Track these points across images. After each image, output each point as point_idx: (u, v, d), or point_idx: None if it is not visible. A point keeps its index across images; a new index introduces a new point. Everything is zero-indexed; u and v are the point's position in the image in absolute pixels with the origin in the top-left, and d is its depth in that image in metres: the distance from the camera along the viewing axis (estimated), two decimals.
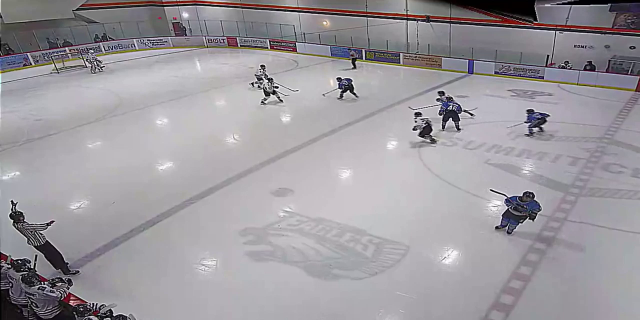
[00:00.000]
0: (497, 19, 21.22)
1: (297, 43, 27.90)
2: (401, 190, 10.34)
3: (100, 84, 21.86)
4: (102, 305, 5.70)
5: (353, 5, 25.99)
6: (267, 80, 17.54)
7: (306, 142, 13.28)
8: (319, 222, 9.02)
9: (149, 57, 28.17)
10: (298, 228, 8.88)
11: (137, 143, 14.06)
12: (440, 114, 13.93)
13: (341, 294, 7.18)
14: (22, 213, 7.46)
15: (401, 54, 23.44)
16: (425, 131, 12.97)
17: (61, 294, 6.10)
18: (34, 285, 6.06)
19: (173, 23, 33.43)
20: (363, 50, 24.68)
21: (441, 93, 15.10)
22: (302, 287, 7.38)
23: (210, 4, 33.58)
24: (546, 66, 19.67)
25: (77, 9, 29.94)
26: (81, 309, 5.55)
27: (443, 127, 13.98)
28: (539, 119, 13.16)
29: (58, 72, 24.73)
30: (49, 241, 7.60)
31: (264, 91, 17.37)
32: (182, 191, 10.55)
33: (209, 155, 12.80)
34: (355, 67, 23.13)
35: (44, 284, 6.15)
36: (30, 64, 26.53)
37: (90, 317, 5.52)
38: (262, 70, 19.60)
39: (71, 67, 25.57)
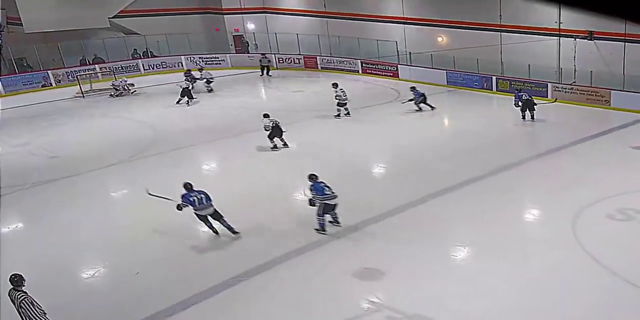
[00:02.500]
0: None
1: (399, 66, 28.50)
2: (543, 281, 9.91)
3: (133, 114, 23.57)
4: None
5: (481, 15, 26.18)
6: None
7: (406, 204, 13.28)
8: None
9: (200, 80, 29.84)
10: None
11: (173, 193, 14.71)
12: (517, 106, 19.33)
13: None
14: (23, 277, 8.01)
15: (550, 85, 23.10)
16: (274, 133, 16.96)
17: None
18: None
19: (234, 36, 35.43)
20: (493, 78, 24.63)
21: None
22: None
23: (285, 12, 35.38)
24: None
25: (114, 17, 32.88)
26: None
27: (523, 117, 19.49)
28: (422, 94, 21.21)
29: (83, 96, 26.93)
30: None
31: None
32: (229, 263, 10.87)
33: (267, 214, 13.15)
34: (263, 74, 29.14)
35: None
36: (51, 85, 29.32)
37: None
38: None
39: (99, 90, 27.76)
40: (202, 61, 32.77)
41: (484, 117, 20.85)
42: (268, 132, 17.32)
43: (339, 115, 20.96)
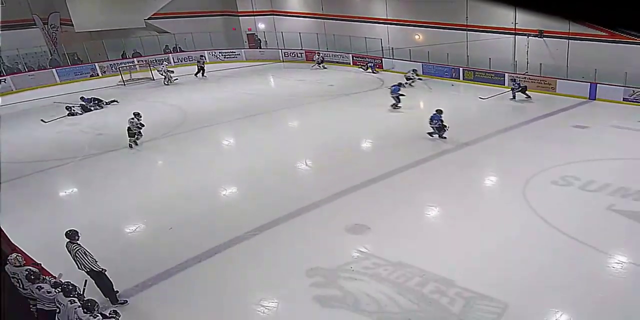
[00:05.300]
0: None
1: (383, 59, 28.36)
2: (499, 235, 9.99)
3: (166, 98, 23.41)
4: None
5: (451, 17, 25.96)
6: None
7: (389, 173, 13.29)
8: (399, 267, 8.90)
9: (220, 71, 29.80)
10: (374, 272, 8.82)
11: (200, 164, 14.79)
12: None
13: None
14: (77, 232, 8.06)
15: (507, 75, 23.00)
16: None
17: None
18: (93, 314, 6.63)
19: (247, 34, 35.22)
20: (461, 69, 24.51)
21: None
22: None
23: (289, 15, 35.07)
24: None
25: (149, 18, 32.62)
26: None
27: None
28: None
29: (124, 84, 26.89)
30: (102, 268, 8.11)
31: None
32: (245, 220, 10.91)
33: (277, 181, 13.18)
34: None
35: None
36: (97, 75, 29.22)
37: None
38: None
39: (138, 79, 27.75)
40: (222, 55, 32.74)
41: (451, 102, 20.72)
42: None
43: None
